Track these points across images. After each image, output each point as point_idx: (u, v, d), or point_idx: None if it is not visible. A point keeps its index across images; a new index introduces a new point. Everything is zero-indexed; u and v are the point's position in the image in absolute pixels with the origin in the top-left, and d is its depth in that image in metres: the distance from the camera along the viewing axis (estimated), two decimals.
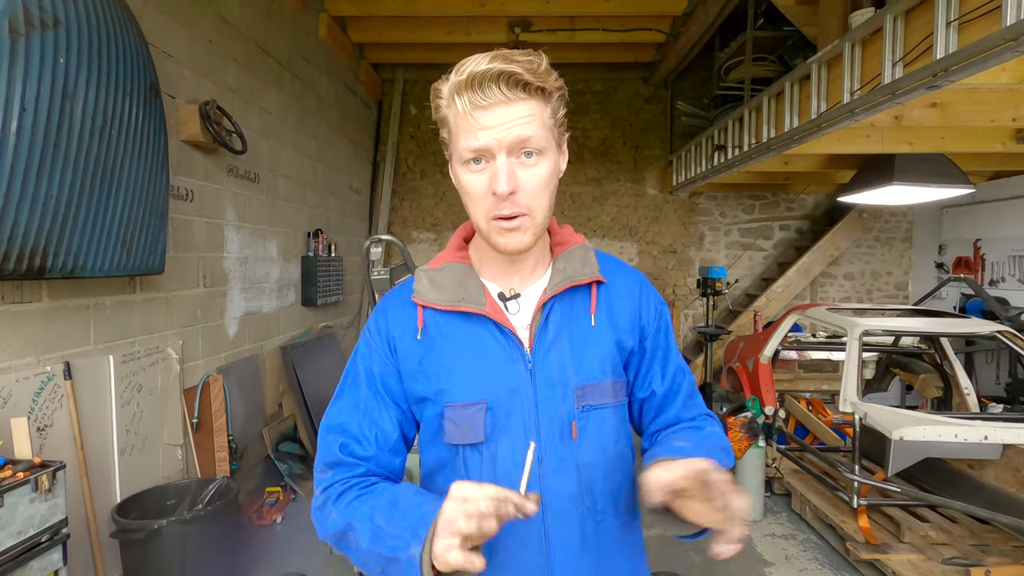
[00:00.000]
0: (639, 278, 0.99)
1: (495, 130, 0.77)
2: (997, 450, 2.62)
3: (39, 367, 2.10)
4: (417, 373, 0.89)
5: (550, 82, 0.80)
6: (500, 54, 0.77)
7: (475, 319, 0.88)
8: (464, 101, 0.77)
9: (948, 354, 3.57)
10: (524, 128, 0.78)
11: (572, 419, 0.86)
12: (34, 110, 1.74)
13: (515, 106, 0.77)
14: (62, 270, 1.96)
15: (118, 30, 2.08)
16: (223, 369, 3.30)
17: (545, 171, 0.81)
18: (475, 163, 0.80)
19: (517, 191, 0.79)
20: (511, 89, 0.77)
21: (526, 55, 0.78)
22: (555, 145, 0.84)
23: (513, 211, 0.80)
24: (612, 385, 0.89)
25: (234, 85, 3.40)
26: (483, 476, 0.85)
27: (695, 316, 6.87)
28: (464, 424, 0.85)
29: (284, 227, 4.15)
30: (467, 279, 0.90)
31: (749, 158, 4.13)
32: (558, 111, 0.84)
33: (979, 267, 5.54)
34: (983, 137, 3.87)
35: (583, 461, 0.86)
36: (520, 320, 0.90)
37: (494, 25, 5.26)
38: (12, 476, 1.64)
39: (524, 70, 0.76)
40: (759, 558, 3.05)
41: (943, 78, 2.20)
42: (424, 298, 0.89)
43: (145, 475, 2.64)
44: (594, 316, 0.90)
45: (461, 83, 0.77)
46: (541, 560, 0.85)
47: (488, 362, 0.86)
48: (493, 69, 0.75)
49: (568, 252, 0.93)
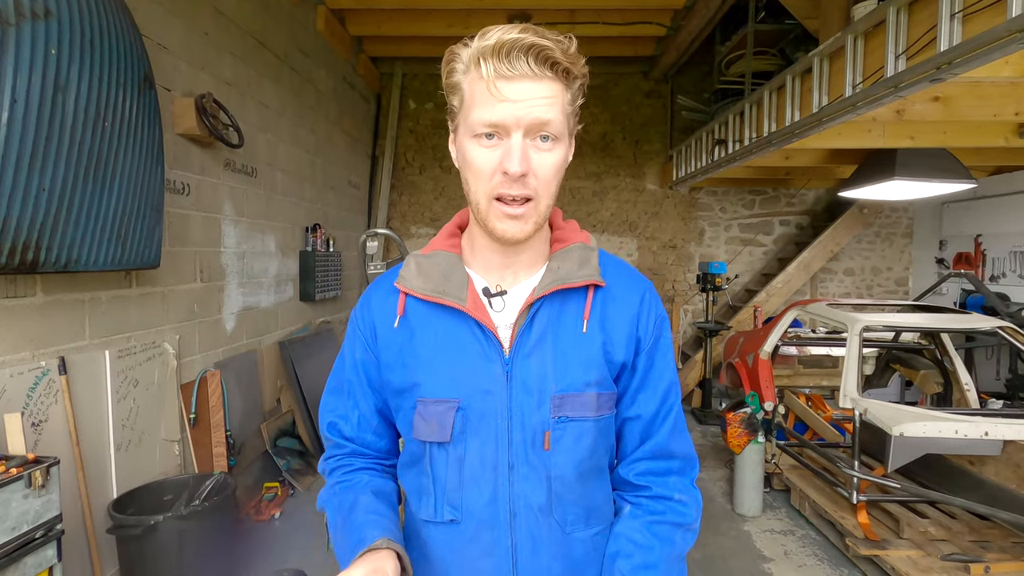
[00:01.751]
0: (643, 286, 0.91)
1: (516, 105, 0.72)
2: (997, 446, 2.61)
3: (33, 362, 2.09)
4: (395, 364, 0.86)
5: (577, 66, 0.76)
6: (530, 27, 0.73)
7: (455, 313, 0.83)
8: (489, 67, 0.72)
9: (948, 350, 3.56)
10: (546, 110, 0.73)
11: (546, 429, 0.81)
12: (25, 101, 1.72)
13: (541, 84, 0.73)
14: (56, 264, 1.94)
15: (111, 21, 2.05)
16: (221, 364, 3.28)
17: (558, 158, 0.78)
18: (487, 138, 0.75)
19: (529, 174, 0.76)
20: (540, 65, 0.72)
21: (556, 34, 0.74)
22: (568, 132, 0.80)
23: (522, 192, 0.76)
24: (596, 398, 0.83)
25: (231, 78, 3.37)
26: (449, 477, 0.83)
27: (695, 312, 6.85)
28: (433, 421, 0.82)
29: (282, 222, 4.12)
30: (453, 270, 0.86)
31: (750, 153, 4.11)
32: (576, 99, 0.80)
33: (980, 263, 5.52)
34: (985, 132, 3.84)
35: (555, 473, 0.82)
36: (503, 319, 0.84)
37: (493, 18, 5.22)
38: (5, 472, 1.63)
39: (556, 46, 0.72)
40: (758, 554, 3.05)
41: (946, 71, 2.17)
42: (407, 284, 0.86)
43: (142, 471, 2.63)
44: (587, 322, 0.84)
45: (487, 48, 0.72)
46: (507, 569, 0.83)
47: (464, 360, 0.82)
48: (525, 40, 0.71)
49: (566, 251, 0.87)
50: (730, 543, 3.16)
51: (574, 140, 0.85)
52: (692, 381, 5.97)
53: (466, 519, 0.83)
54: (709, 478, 4.08)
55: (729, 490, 3.74)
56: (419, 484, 0.87)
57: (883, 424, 2.61)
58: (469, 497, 0.82)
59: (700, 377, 5.85)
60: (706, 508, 3.58)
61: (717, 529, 3.32)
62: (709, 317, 5.82)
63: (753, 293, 6.35)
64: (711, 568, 2.91)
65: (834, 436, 3.69)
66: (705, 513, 3.44)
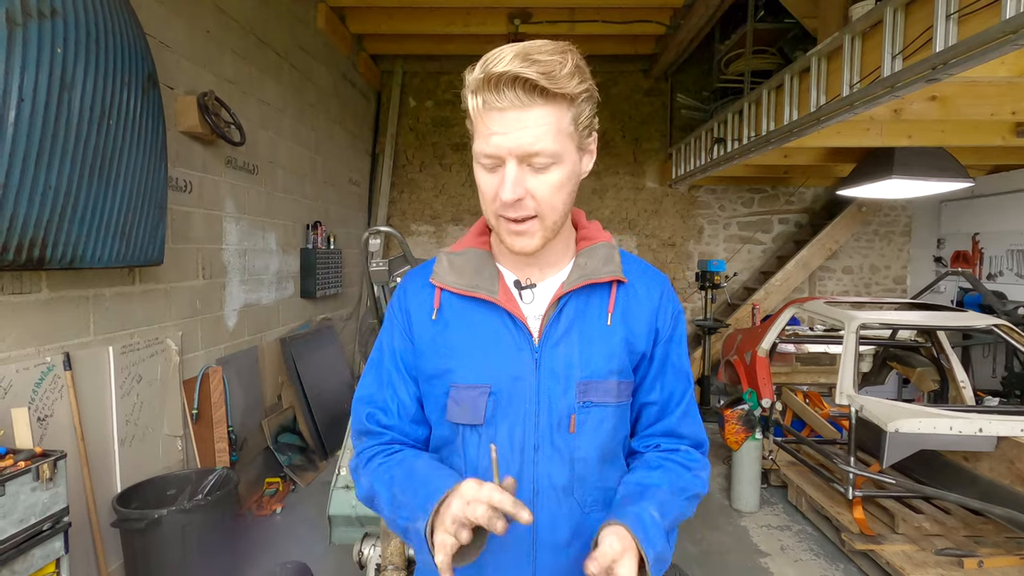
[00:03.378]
0: (662, 283, 0.97)
1: (506, 137, 0.75)
2: (991, 442, 2.64)
3: (39, 358, 2.11)
4: (429, 352, 0.91)
5: (571, 86, 0.76)
6: (524, 51, 0.74)
7: (488, 305, 0.89)
8: (479, 101, 0.76)
9: (945, 348, 3.58)
10: (535, 139, 0.75)
11: (572, 412, 0.87)
12: (32, 100, 1.74)
13: (530, 112, 0.75)
14: (61, 260, 1.96)
15: (116, 20, 2.07)
16: (222, 360, 3.31)
17: (558, 178, 0.80)
18: (488, 166, 0.80)
19: (525, 197, 0.79)
20: (527, 94, 0.74)
21: (554, 52, 0.75)
22: (575, 149, 0.82)
23: (520, 214, 0.80)
24: (617, 385, 0.89)
25: (232, 76, 3.39)
26: (480, 457, 0.88)
27: (694, 309, 6.88)
28: (466, 405, 0.87)
29: (283, 219, 4.14)
30: (484, 265, 0.91)
31: (749, 151, 4.13)
32: (582, 114, 0.81)
33: (977, 261, 5.55)
34: (983, 131, 3.86)
35: (578, 455, 0.87)
36: (533, 310, 0.90)
37: (494, 16, 5.24)
38: (14, 465, 1.65)
39: (542, 74, 0.73)
40: (755, 548, 3.08)
41: (942, 71, 2.19)
42: (442, 280, 0.91)
43: (145, 465, 2.65)
44: (611, 315, 0.90)
45: (479, 81, 0.75)
46: (527, 544, 0.87)
47: (496, 348, 0.88)
48: (509, 73, 0.72)
49: (592, 248, 0.93)
50: (727, 538, 3.20)
51: (593, 147, 0.87)
52: None
53: None
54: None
55: (727, 486, 3.77)
56: (450, 464, 0.91)
57: (879, 420, 2.64)
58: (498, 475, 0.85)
59: (699, 374, 5.87)
60: (703, 503, 3.61)
61: (714, 524, 3.35)
62: (708, 315, 5.84)
63: (752, 291, 6.38)
64: (708, 563, 2.94)
65: (831, 433, 3.72)
66: (702, 508, 3.50)
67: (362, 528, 2.09)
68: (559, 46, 0.76)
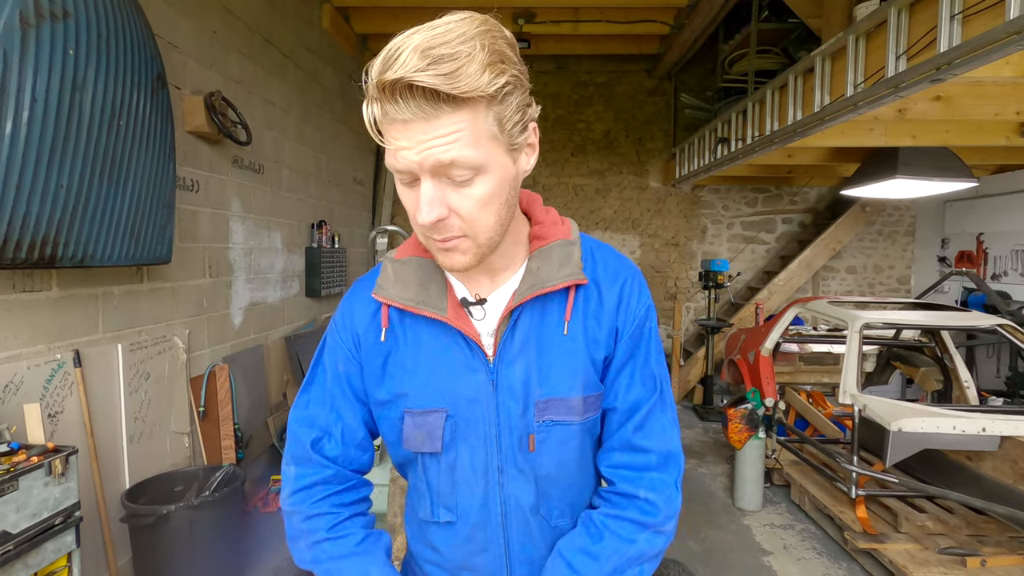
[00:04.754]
0: (624, 275, 0.85)
1: (413, 151, 0.64)
2: (995, 442, 2.64)
3: (49, 355, 2.14)
4: (379, 376, 0.84)
5: (483, 84, 0.62)
6: (425, 45, 0.60)
7: (437, 323, 0.81)
8: (377, 110, 0.64)
9: (948, 347, 3.59)
10: (446, 151, 0.64)
11: (530, 432, 0.81)
12: (44, 101, 1.76)
13: (435, 121, 0.63)
14: (72, 259, 1.99)
15: (126, 21, 2.09)
16: (229, 358, 3.33)
17: (483, 191, 0.68)
18: (404, 179, 0.70)
19: (448, 216, 0.69)
20: (430, 102, 0.61)
21: (461, 41, 0.61)
22: (503, 152, 0.69)
23: (445, 235, 0.70)
24: (582, 401, 0.81)
25: (239, 76, 3.41)
26: (442, 482, 0.84)
27: (697, 309, 6.89)
28: (423, 431, 0.82)
29: (288, 218, 4.17)
30: (430, 278, 0.82)
31: (752, 151, 4.13)
32: (508, 110, 0.67)
33: (982, 261, 5.54)
34: (987, 131, 3.86)
35: (541, 473, 0.83)
36: (486, 326, 0.82)
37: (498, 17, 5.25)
38: (26, 460, 1.68)
39: (444, 76, 0.59)
40: (757, 547, 3.09)
41: (946, 71, 2.20)
42: (386, 294, 0.82)
43: (153, 462, 2.68)
44: (568, 324, 0.81)
45: (372, 88, 0.63)
46: (501, 563, 0.85)
47: (449, 370, 0.81)
48: (402, 80, 0.59)
49: (547, 249, 0.82)
50: (730, 537, 3.21)
51: (534, 141, 0.75)
52: (694, 378, 6.01)
53: (461, 520, 0.85)
54: (710, 473, 4.12)
55: (730, 485, 3.78)
56: (415, 485, 0.89)
57: (882, 420, 2.64)
58: (462, 500, 0.84)
59: (702, 374, 5.88)
60: (706, 502, 3.62)
61: (717, 523, 3.36)
62: (711, 314, 5.85)
63: (755, 291, 6.38)
64: (711, 561, 2.95)
65: (834, 432, 3.73)
66: (705, 507, 3.52)
67: None
68: (469, 30, 0.63)
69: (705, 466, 4.26)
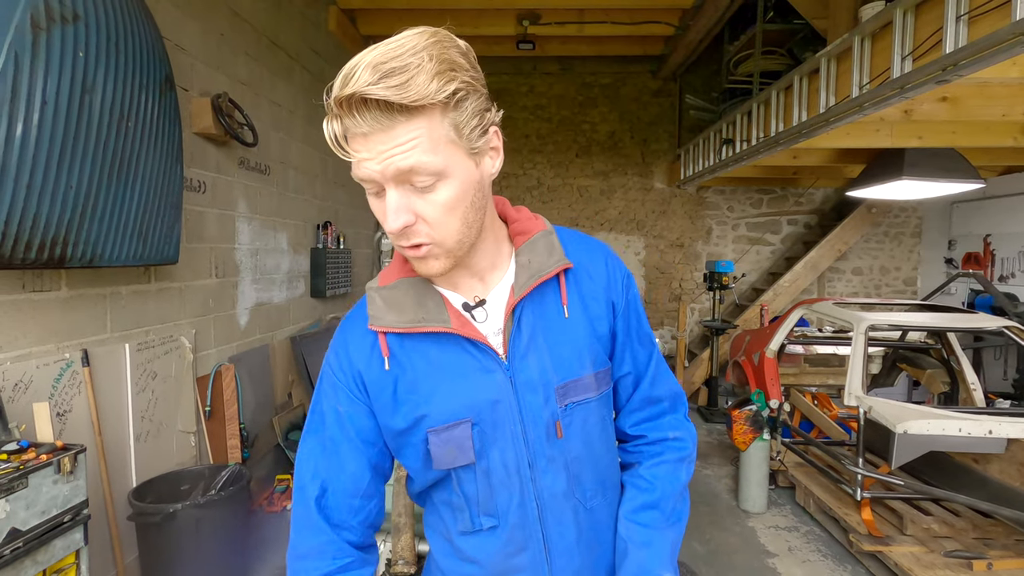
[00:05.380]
0: (603, 252, 0.92)
1: (374, 161, 0.67)
2: (1001, 444, 2.63)
3: (58, 354, 2.16)
4: (392, 406, 0.83)
5: (431, 92, 0.65)
6: (378, 59, 0.63)
7: (442, 336, 0.81)
8: (337, 126, 0.68)
9: (955, 349, 3.57)
10: (405, 158, 0.66)
11: (556, 419, 0.83)
12: (54, 103, 1.78)
13: (392, 131, 0.66)
14: (81, 259, 2.01)
15: (135, 24, 2.11)
16: (235, 358, 3.35)
17: (448, 195, 0.70)
18: (370, 188, 0.72)
19: (415, 223, 0.71)
20: (385, 113, 0.64)
21: (412, 53, 0.65)
22: (464, 156, 0.71)
23: (413, 241, 0.73)
24: (594, 377, 0.86)
25: (245, 78, 3.43)
26: (480, 490, 0.84)
27: (702, 310, 6.88)
28: (451, 446, 0.81)
29: (294, 219, 4.19)
30: (424, 294, 0.83)
31: (757, 152, 4.13)
32: (464, 115, 0.70)
33: (989, 263, 5.51)
34: (994, 132, 3.84)
35: (571, 457, 0.85)
36: (490, 327, 0.83)
37: (503, 18, 5.26)
38: (36, 458, 1.69)
39: (394, 88, 0.63)
40: (762, 549, 3.08)
41: (952, 72, 2.20)
42: (382, 323, 0.81)
43: (160, 461, 2.70)
44: (567, 307, 0.85)
45: (331, 106, 0.66)
46: (541, 559, 0.86)
47: (465, 378, 0.81)
48: (356, 95, 0.63)
49: (532, 242, 0.85)
50: (735, 539, 3.20)
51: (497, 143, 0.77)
52: (698, 379, 5.99)
53: (502, 523, 0.85)
54: (715, 475, 4.11)
55: (734, 487, 3.77)
56: (449, 501, 0.87)
57: (887, 422, 2.64)
58: (501, 503, 0.84)
59: (706, 375, 5.87)
60: (711, 504, 3.62)
61: (722, 525, 3.36)
62: (716, 316, 5.84)
63: (760, 292, 6.36)
64: (716, 563, 2.95)
65: (840, 434, 3.71)
66: (710, 509, 3.51)
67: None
68: (419, 43, 0.66)
69: (710, 468, 4.25)
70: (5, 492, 1.56)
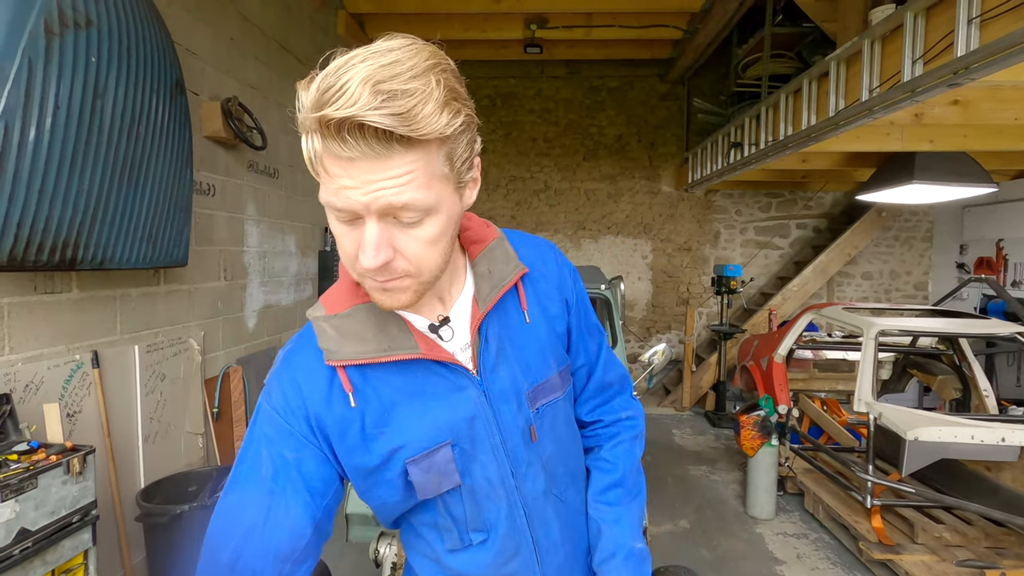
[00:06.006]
0: (551, 249, 0.93)
1: (359, 191, 0.59)
2: (1014, 452, 2.59)
3: (69, 355, 2.18)
4: (362, 444, 0.76)
5: (440, 126, 0.59)
6: (375, 78, 0.55)
7: (410, 362, 0.76)
8: (317, 143, 0.59)
9: (967, 355, 3.53)
10: (398, 192, 0.60)
11: (530, 424, 0.84)
12: (67, 108, 1.81)
13: (386, 161, 0.58)
14: (92, 262, 2.03)
15: (146, 29, 2.14)
16: (242, 360, 3.37)
17: (432, 231, 0.65)
18: (342, 217, 0.64)
19: (394, 259, 0.64)
20: (381, 142, 0.57)
21: (416, 76, 0.57)
22: (452, 190, 0.67)
23: (388, 276, 0.66)
24: (559, 376, 0.87)
25: (255, 82, 3.46)
26: (467, 510, 0.81)
27: (709, 314, 6.84)
28: (434, 473, 0.77)
29: (302, 221, 4.21)
30: (386, 320, 0.76)
31: (766, 156, 4.11)
32: (460, 147, 0.65)
33: (1001, 267, 5.44)
34: (1006, 135, 3.80)
35: (546, 457, 0.86)
36: (457, 343, 0.80)
37: (510, 22, 5.28)
38: (46, 459, 1.71)
39: (398, 117, 0.55)
40: (771, 556, 3.05)
41: (964, 76, 2.18)
42: (339, 356, 0.73)
43: (167, 462, 2.72)
44: (527, 312, 0.85)
45: (314, 122, 0.57)
46: (532, 560, 0.86)
47: (438, 400, 0.77)
48: (353, 119, 0.55)
49: (488, 251, 0.83)
50: (742, 545, 3.17)
51: (478, 175, 0.72)
52: (706, 384, 5.96)
53: (492, 535, 0.84)
54: (722, 480, 4.08)
55: (742, 492, 3.74)
56: (434, 523, 0.84)
57: (897, 428, 2.61)
58: (489, 516, 0.83)
59: (714, 380, 5.84)
60: (718, 510, 3.59)
61: (730, 531, 3.33)
62: (724, 320, 5.81)
63: (768, 296, 6.32)
64: (723, 569, 2.92)
65: (849, 440, 3.67)
66: (717, 515, 3.49)
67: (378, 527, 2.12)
68: (419, 63, 0.58)
69: (717, 473, 4.22)
70: (15, 492, 1.58)
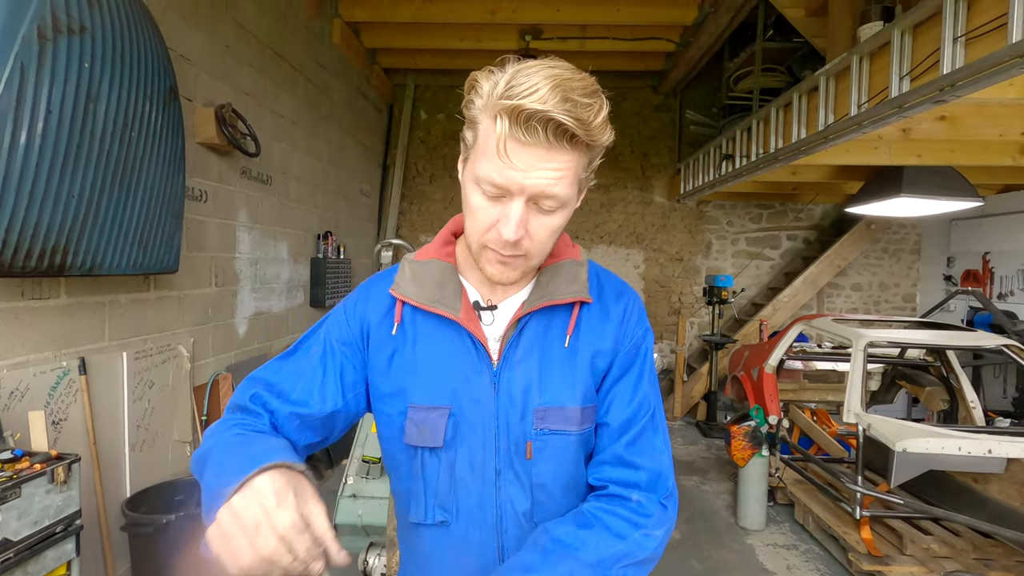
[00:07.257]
0: (628, 299, 0.92)
1: (523, 173, 0.70)
2: (1001, 464, 2.61)
3: (55, 362, 2.15)
4: (386, 369, 0.86)
5: (600, 138, 0.72)
6: (562, 87, 0.67)
7: (449, 323, 0.85)
8: (504, 127, 0.69)
9: (954, 367, 3.56)
10: (553, 183, 0.71)
11: (528, 439, 0.83)
12: (59, 112, 1.80)
13: (554, 154, 0.70)
14: (81, 268, 2.01)
15: (140, 35, 2.13)
16: (232, 368, 3.34)
17: (559, 222, 0.77)
18: (489, 195, 0.74)
19: (524, 237, 0.75)
20: (556, 137, 0.69)
21: (588, 94, 0.69)
22: (578, 191, 0.78)
23: (514, 253, 0.77)
24: (581, 411, 0.84)
25: (249, 89, 3.46)
26: (440, 480, 0.84)
27: (701, 325, 6.87)
28: (425, 427, 0.83)
29: (294, 229, 4.20)
30: (447, 279, 0.86)
31: (757, 168, 4.15)
32: (593, 161, 0.78)
33: (988, 280, 5.52)
34: (992, 151, 3.87)
35: (536, 481, 0.84)
36: (493, 331, 0.86)
37: (505, 32, 5.32)
38: (30, 467, 1.68)
39: (576, 121, 0.67)
40: (760, 567, 3.05)
41: (949, 93, 2.21)
42: (403, 291, 0.86)
43: (154, 470, 2.68)
44: (569, 338, 0.85)
45: (507, 109, 0.68)
46: (494, 569, 0.84)
47: (455, 369, 0.84)
48: (546, 114, 0.66)
49: (556, 267, 0.88)
50: (733, 556, 3.17)
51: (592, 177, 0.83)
52: (697, 393, 5.97)
53: (456, 521, 0.85)
54: (713, 491, 4.08)
55: (733, 503, 3.74)
56: (408, 488, 0.88)
57: (886, 440, 2.62)
58: (459, 500, 0.85)
59: (705, 390, 5.85)
60: (709, 521, 3.59)
61: (720, 542, 3.33)
62: (715, 330, 5.83)
63: (759, 307, 6.36)
64: None
65: (839, 451, 3.69)
66: (708, 525, 3.48)
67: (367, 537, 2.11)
68: (589, 84, 0.70)
69: (708, 483, 4.22)
70: None
